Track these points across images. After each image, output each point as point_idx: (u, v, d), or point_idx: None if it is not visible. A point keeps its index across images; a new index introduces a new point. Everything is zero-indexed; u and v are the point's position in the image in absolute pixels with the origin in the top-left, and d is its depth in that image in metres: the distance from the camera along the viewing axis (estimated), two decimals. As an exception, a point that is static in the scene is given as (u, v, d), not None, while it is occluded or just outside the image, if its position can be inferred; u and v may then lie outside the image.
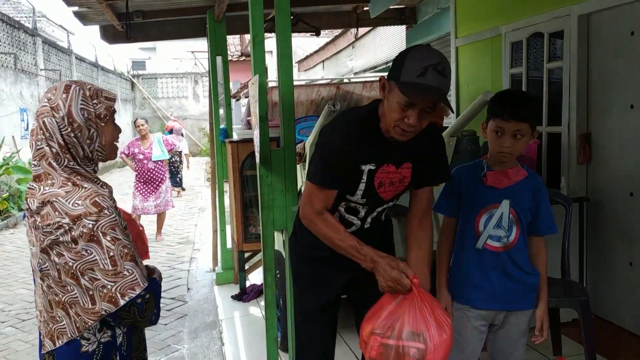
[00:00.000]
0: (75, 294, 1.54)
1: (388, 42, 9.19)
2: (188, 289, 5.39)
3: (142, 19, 5.02)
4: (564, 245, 2.91)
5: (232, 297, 4.64)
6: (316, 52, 13.08)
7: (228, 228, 5.26)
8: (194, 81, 23.48)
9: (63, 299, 1.56)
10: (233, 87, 12.75)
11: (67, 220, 1.50)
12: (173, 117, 15.71)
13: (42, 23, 14.30)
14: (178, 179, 11.81)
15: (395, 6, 6.35)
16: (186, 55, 22.77)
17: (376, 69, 9.41)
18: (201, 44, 5.70)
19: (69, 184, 1.54)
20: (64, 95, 1.55)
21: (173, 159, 11.51)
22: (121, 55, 23.23)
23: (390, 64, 9.36)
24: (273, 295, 2.81)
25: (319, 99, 4.77)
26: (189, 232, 8.06)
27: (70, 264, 1.52)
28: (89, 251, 1.51)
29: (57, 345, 1.59)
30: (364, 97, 4.81)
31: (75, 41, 17.02)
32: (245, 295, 4.57)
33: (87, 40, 17.91)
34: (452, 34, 5.16)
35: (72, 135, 1.56)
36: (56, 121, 1.54)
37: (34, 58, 13.04)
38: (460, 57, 5.07)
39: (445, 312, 1.79)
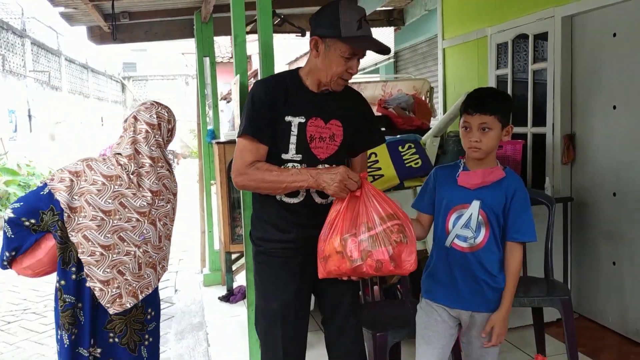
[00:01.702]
0: (168, 250, 2.26)
1: (377, 44, 9.18)
2: (175, 290, 5.37)
3: (129, 20, 5.00)
4: (547, 245, 2.92)
5: (219, 298, 4.63)
6: (306, 53, 13.11)
7: (215, 229, 5.24)
8: (185, 82, 23.42)
9: (155, 259, 2.17)
10: (224, 89, 12.75)
11: (172, 196, 2.24)
12: None
13: (32, 24, 14.13)
14: None
15: (384, 8, 6.38)
16: (177, 56, 22.70)
17: (364, 71, 9.43)
18: (192, 45, 5.68)
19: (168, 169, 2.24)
20: (174, 116, 2.31)
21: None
22: (115, 57, 23.08)
23: (378, 65, 9.27)
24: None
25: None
26: (177, 233, 8.02)
27: (170, 227, 2.23)
28: (175, 216, 2.27)
29: (141, 297, 2.13)
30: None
31: (67, 43, 16.86)
32: (232, 296, 4.56)
33: (79, 42, 17.74)
34: (439, 36, 5.18)
35: (165, 141, 2.26)
36: (167, 129, 2.26)
37: (22, 59, 12.94)
38: (447, 59, 5.10)
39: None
